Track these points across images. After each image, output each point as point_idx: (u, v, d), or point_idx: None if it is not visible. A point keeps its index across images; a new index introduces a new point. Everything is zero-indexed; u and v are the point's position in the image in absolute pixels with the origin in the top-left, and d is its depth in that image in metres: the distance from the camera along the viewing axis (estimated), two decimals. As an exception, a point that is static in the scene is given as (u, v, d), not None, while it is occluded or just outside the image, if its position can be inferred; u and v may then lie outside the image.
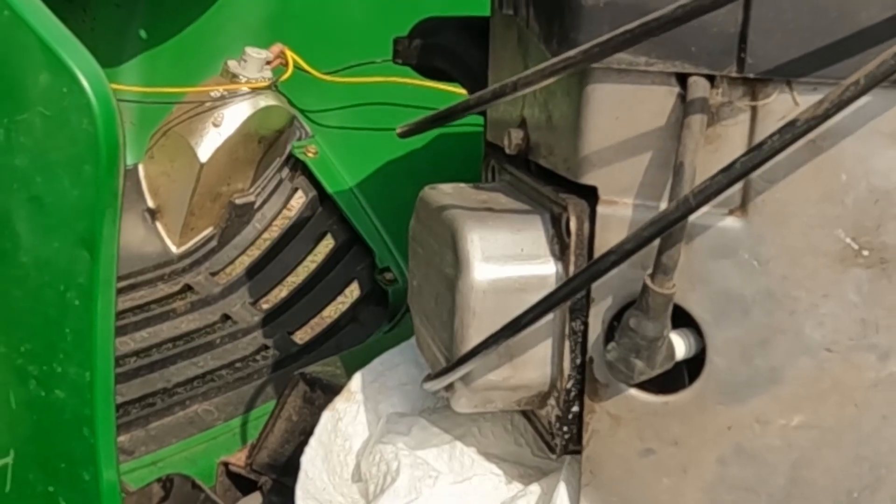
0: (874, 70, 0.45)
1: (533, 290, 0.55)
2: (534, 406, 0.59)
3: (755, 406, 0.54)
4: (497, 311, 0.55)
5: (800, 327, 0.53)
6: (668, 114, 0.52)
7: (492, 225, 0.56)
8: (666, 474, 0.57)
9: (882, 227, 0.50)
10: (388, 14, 1.24)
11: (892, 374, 0.52)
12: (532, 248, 0.55)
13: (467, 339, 0.55)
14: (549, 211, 0.57)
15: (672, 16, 0.46)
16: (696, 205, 0.48)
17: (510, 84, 0.53)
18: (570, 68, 0.50)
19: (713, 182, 0.47)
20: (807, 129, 0.46)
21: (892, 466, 0.53)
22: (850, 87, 0.45)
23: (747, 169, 0.48)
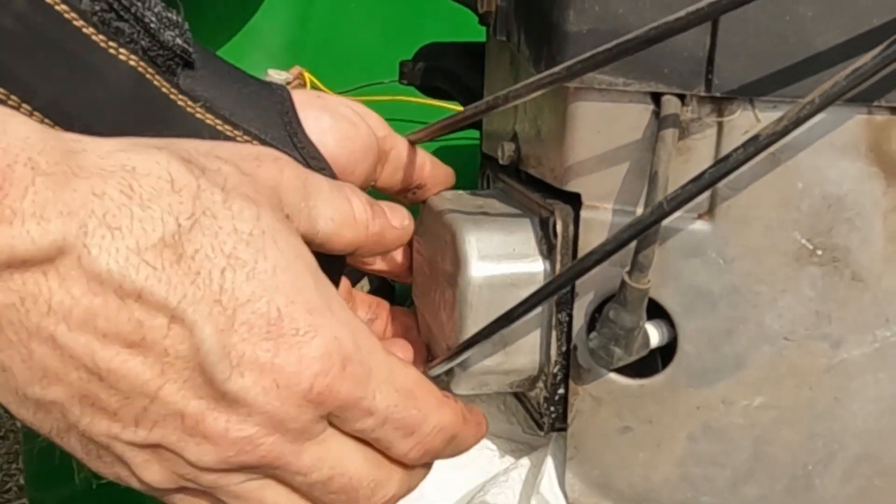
0: (828, 90, 0.45)
1: (524, 285, 0.55)
2: (524, 388, 0.59)
3: (721, 388, 0.54)
4: (492, 304, 0.54)
5: (761, 318, 0.53)
6: (644, 128, 0.52)
7: (487, 227, 0.56)
8: (641, 449, 0.57)
9: (834, 229, 0.50)
10: (395, 40, 1.24)
11: (843, 361, 0.52)
12: (523, 248, 0.55)
13: (465, 329, 0.55)
14: (537, 215, 0.57)
15: (645, 37, 0.46)
16: (669, 210, 0.48)
17: (502, 96, 0.52)
18: (555, 83, 0.50)
19: (684, 191, 0.47)
20: (767, 143, 0.46)
21: (843, 442, 0.53)
22: (806, 106, 0.45)
23: (714, 179, 0.47)
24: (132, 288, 0.36)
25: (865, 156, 0.49)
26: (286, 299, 0.40)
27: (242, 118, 0.51)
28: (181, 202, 0.38)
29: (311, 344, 0.40)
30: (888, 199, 0.49)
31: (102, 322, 0.36)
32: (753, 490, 0.56)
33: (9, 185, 0.34)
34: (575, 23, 0.50)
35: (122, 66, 0.46)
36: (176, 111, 0.48)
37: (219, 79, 0.52)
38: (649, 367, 0.55)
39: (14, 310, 0.35)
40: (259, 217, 0.40)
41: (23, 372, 0.37)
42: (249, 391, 0.39)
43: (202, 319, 0.38)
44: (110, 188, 0.36)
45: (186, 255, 0.38)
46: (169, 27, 0.49)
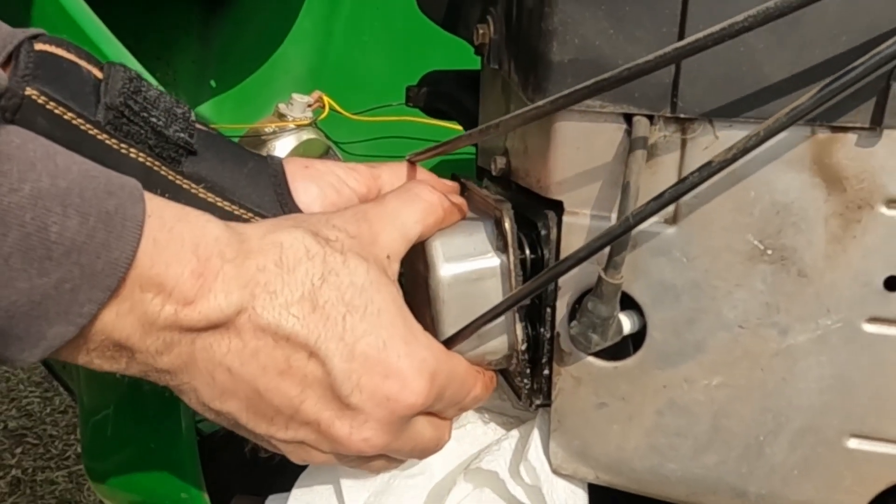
0: (771, 125, 0.45)
1: (487, 278, 0.56)
2: (503, 365, 0.60)
3: (684, 370, 0.54)
4: (461, 297, 0.55)
5: (719, 309, 0.53)
6: (618, 145, 0.52)
7: (449, 233, 0.57)
8: (616, 422, 0.57)
9: (782, 231, 0.50)
10: (402, 68, 1.24)
11: (790, 346, 0.52)
12: (481, 246, 0.56)
13: (441, 321, 0.56)
14: (491, 217, 0.57)
15: (619, 76, 0.47)
16: (634, 223, 0.48)
17: (494, 125, 0.53)
18: (540, 116, 0.51)
19: (647, 207, 0.48)
20: (719, 168, 0.47)
21: (790, 416, 0.53)
22: (752, 138, 0.46)
23: (674, 197, 0.48)
24: (283, 334, 0.45)
25: (809, 168, 0.49)
26: (388, 334, 0.48)
27: (240, 195, 0.54)
28: (314, 266, 0.47)
29: (409, 366, 0.49)
30: (829, 205, 0.49)
31: (263, 357, 0.46)
32: (712, 457, 0.56)
33: (208, 273, 0.43)
34: (558, 53, 0.50)
35: (133, 162, 0.50)
36: (182, 193, 0.52)
37: (219, 161, 0.53)
38: (622, 351, 0.55)
39: (204, 351, 0.45)
40: (368, 271, 0.49)
41: (208, 391, 0.46)
42: (366, 404, 0.48)
43: (331, 353, 0.46)
44: (268, 262, 0.45)
45: (319, 305, 0.46)
46: (175, 122, 0.52)
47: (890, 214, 0.49)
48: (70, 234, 0.39)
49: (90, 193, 0.40)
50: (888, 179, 0.48)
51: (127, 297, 0.41)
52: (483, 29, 0.60)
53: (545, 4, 0.50)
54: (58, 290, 0.39)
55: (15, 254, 0.38)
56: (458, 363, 0.54)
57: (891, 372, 0.51)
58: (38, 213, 0.38)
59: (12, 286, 0.38)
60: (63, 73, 0.49)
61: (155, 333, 0.43)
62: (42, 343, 0.40)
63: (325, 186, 0.56)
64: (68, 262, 0.39)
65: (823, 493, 0.54)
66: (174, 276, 0.42)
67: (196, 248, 0.43)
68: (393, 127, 1.30)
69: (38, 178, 0.39)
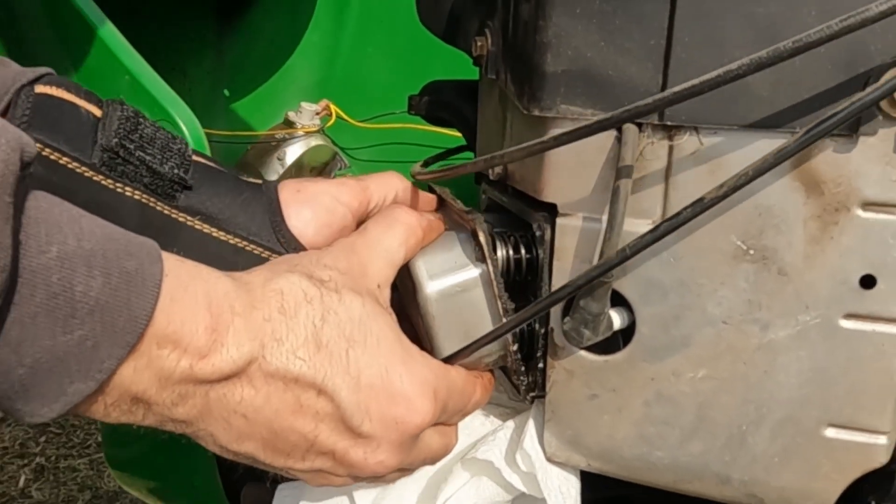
0: (760, 165, 0.45)
1: (470, 289, 0.56)
2: (500, 364, 0.59)
3: (671, 363, 0.54)
4: (450, 310, 0.56)
5: (704, 306, 0.53)
6: (608, 150, 0.52)
7: (430, 250, 0.57)
8: (606, 413, 0.57)
9: (763, 233, 0.50)
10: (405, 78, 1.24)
11: (771, 341, 0.52)
12: (461, 259, 0.56)
13: (435, 334, 0.56)
14: (465, 230, 0.57)
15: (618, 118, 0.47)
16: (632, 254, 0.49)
17: (498, 157, 0.53)
18: (541, 150, 0.50)
19: (643, 239, 0.48)
20: (711, 204, 0.47)
21: (770, 407, 0.53)
22: (741, 177, 0.46)
23: (669, 230, 0.48)
24: (292, 376, 0.46)
25: (789, 173, 0.49)
26: (388, 361, 0.49)
27: (235, 224, 0.53)
28: (313, 309, 0.47)
29: (412, 387, 0.49)
30: (808, 208, 0.49)
31: (275, 401, 0.46)
32: (697, 446, 0.56)
33: (220, 328, 0.43)
34: (552, 64, 0.50)
35: (128, 200, 0.50)
36: (178, 225, 0.52)
37: (215, 193, 0.53)
38: (613, 345, 0.55)
39: (219, 401, 0.45)
40: (363, 304, 0.49)
41: (224, 436, 0.47)
42: (377, 429, 0.49)
43: (339, 387, 0.47)
44: (272, 311, 0.46)
45: (322, 344, 0.47)
46: (171, 158, 0.52)
47: (865, 216, 0.49)
48: (94, 294, 0.39)
49: (113, 254, 0.40)
50: (864, 183, 0.48)
51: (144, 353, 0.41)
52: (481, 41, 0.60)
53: (540, 18, 0.50)
54: (80, 347, 0.39)
55: (41, 313, 0.37)
56: (457, 375, 0.54)
57: (866, 365, 0.51)
58: (65, 274, 0.38)
59: (37, 344, 0.38)
60: (60, 115, 0.48)
61: (171, 387, 0.43)
62: (62, 399, 0.40)
63: (318, 207, 0.56)
64: (91, 319, 0.39)
65: (803, 480, 0.54)
66: (189, 333, 0.42)
67: (209, 304, 0.43)
68: (396, 134, 1.30)
69: (65, 241, 0.38)
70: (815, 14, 0.46)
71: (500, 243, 0.57)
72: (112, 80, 0.82)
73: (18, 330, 0.37)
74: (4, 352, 0.37)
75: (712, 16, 0.47)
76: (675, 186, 0.51)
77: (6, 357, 0.37)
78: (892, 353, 0.50)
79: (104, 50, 0.82)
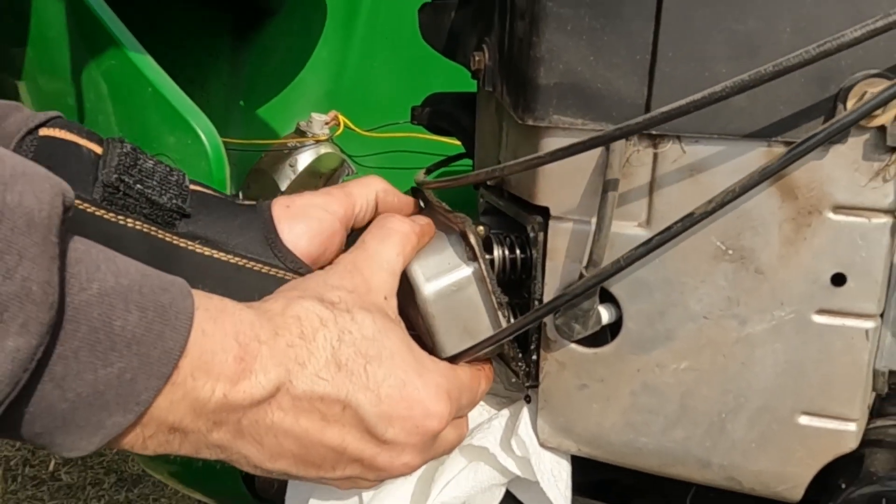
0: (746, 181, 0.46)
1: (465, 287, 0.55)
2: (495, 353, 0.59)
3: (656, 356, 0.54)
4: (448, 308, 0.55)
5: (686, 302, 0.53)
6: (597, 158, 0.52)
7: (423, 255, 0.56)
8: (595, 402, 0.57)
9: (742, 234, 0.50)
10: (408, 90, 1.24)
11: (748, 335, 0.52)
12: (453, 260, 0.56)
13: (435, 332, 0.56)
14: (456, 230, 0.57)
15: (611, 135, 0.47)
16: (626, 265, 0.49)
17: (498, 169, 0.53)
18: (538, 164, 0.51)
19: (636, 251, 0.48)
20: (700, 219, 0.47)
21: (748, 397, 0.53)
22: (728, 193, 0.46)
23: (661, 242, 0.48)
24: (317, 396, 0.46)
25: (766, 179, 0.49)
26: (404, 372, 0.49)
27: (233, 245, 0.53)
28: (329, 332, 0.47)
29: (428, 394, 0.50)
30: (783, 211, 0.49)
31: (304, 421, 0.46)
32: (680, 433, 0.56)
33: (248, 357, 0.43)
34: (545, 77, 0.50)
35: (130, 231, 0.50)
36: (180, 251, 0.52)
37: (212, 219, 0.53)
38: (601, 339, 0.55)
39: (251, 426, 0.45)
40: (374, 321, 0.49)
41: (258, 457, 0.46)
42: (400, 436, 0.49)
43: (362, 402, 0.47)
44: (294, 337, 0.46)
45: (342, 364, 0.47)
46: (169, 189, 0.52)
47: (836, 219, 0.49)
48: (131, 327, 0.38)
49: (148, 290, 0.40)
50: (834, 188, 0.48)
51: (180, 384, 0.41)
52: (479, 56, 0.60)
53: (533, 35, 0.50)
54: (119, 380, 0.38)
55: (84, 348, 0.37)
56: (463, 373, 0.55)
57: (837, 358, 0.51)
58: (104, 310, 0.37)
59: (80, 378, 0.37)
60: (63, 155, 0.48)
61: (206, 415, 0.42)
62: (101, 432, 0.39)
63: (308, 220, 0.56)
64: (129, 352, 0.38)
65: (778, 465, 0.54)
66: (220, 362, 0.42)
67: (237, 335, 0.43)
68: (399, 142, 1.30)
69: (104, 278, 0.38)
70: (790, 31, 0.46)
71: (497, 244, 0.57)
72: (136, 92, 0.82)
73: (63, 365, 0.36)
74: (48, 387, 0.36)
75: (694, 33, 0.47)
76: (660, 191, 0.51)
77: (50, 392, 0.37)
78: (860, 347, 0.50)
79: (128, 64, 0.82)
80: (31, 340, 0.34)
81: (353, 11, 1.40)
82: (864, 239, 0.48)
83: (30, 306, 0.34)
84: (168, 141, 0.79)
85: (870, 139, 0.46)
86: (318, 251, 0.56)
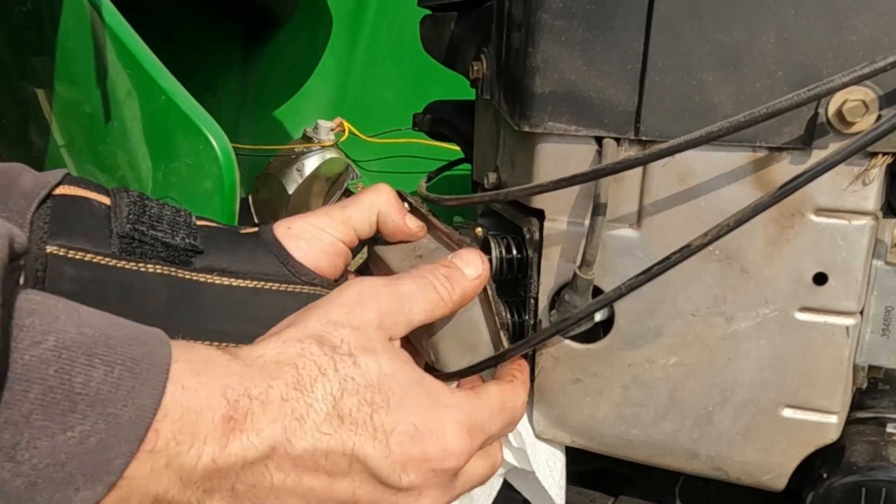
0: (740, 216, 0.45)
1: (469, 307, 0.52)
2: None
3: (646, 351, 0.54)
4: (452, 329, 0.52)
5: (675, 300, 0.53)
6: (590, 163, 0.52)
7: None
8: (588, 395, 0.57)
9: (727, 235, 0.50)
10: (409, 98, 1.24)
11: (734, 331, 0.52)
12: None
13: (439, 352, 0.53)
14: (454, 248, 0.54)
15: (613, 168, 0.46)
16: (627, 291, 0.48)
17: (503, 193, 0.53)
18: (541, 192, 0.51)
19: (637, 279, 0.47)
20: (696, 250, 0.46)
21: (734, 390, 0.53)
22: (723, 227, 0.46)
23: (658, 272, 0.47)
24: (321, 452, 0.40)
25: (751, 182, 0.49)
26: (415, 416, 0.43)
27: (247, 272, 0.51)
28: (329, 381, 0.41)
29: (444, 436, 0.43)
30: (767, 213, 0.49)
31: (307, 481, 0.40)
32: (669, 425, 0.56)
33: (238, 415, 0.37)
34: (540, 86, 0.50)
35: (152, 275, 0.47)
36: (200, 284, 0.49)
37: (223, 251, 0.51)
38: (594, 335, 0.55)
39: (248, 491, 0.39)
40: (380, 365, 0.43)
41: None
42: (416, 482, 0.42)
43: (370, 455, 0.41)
44: (289, 389, 0.40)
45: (346, 415, 0.41)
46: (179, 230, 0.49)
47: (818, 221, 0.49)
48: (95, 384, 0.33)
49: (115, 341, 0.34)
50: (816, 192, 0.48)
51: (162, 450, 0.35)
52: (477, 66, 0.60)
53: (529, 45, 0.50)
54: (83, 446, 0.32)
55: (37, 410, 0.31)
56: (490, 396, 0.48)
57: (818, 353, 0.51)
58: (63, 366, 0.32)
59: (34, 446, 0.31)
60: (77, 213, 0.46)
61: (194, 484, 0.37)
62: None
63: (311, 240, 0.53)
64: (93, 413, 0.32)
65: (762, 455, 0.54)
66: (207, 422, 0.36)
67: (225, 389, 0.37)
68: (402, 147, 1.30)
69: (63, 329, 0.33)
70: (773, 42, 0.46)
71: (494, 244, 0.57)
72: (150, 100, 0.82)
73: (11, 433, 0.31)
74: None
75: (682, 44, 0.47)
76: (649, 194, 0.51)
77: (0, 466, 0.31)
78: (841, 343, 0.50)
79: (143, 73, 0.82)
80: None
81: (357, 23, 1.40)
82: (844, 240, 0.48)
83: None
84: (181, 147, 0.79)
85: (850, 145, 0.46)
86: (328, 268, 0.54)
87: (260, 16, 1.46)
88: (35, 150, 1.02)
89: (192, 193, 0.80)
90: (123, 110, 0.86)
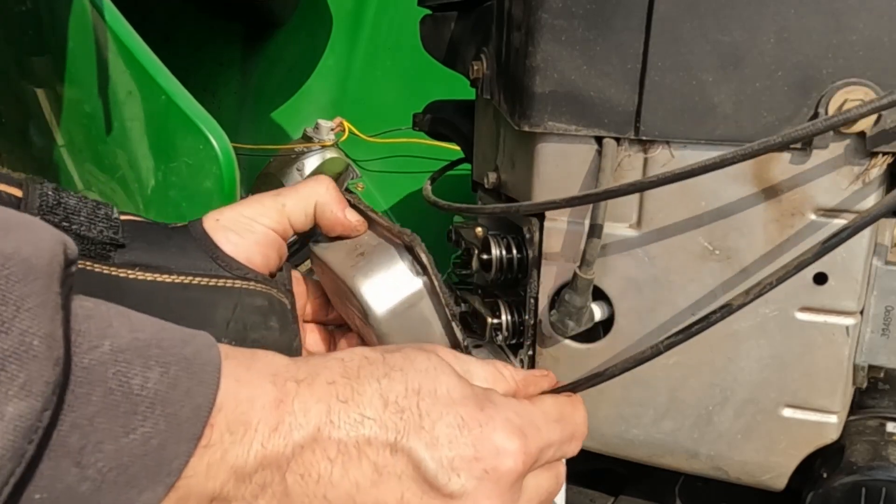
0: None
1: (416, 303, 0.51)
2: None
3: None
4: (401, 326, 0.52)
5: (675, 300, 0.53)
6: (590, 162, 0.52)
7: (371, 273, 0.52)
8: (588, 395, 0.56)
9: (728, 235, 0.50)
10: (409, 98, 1.24)
11: (734, 331, 0.52)
12: (402, 276, 0.51)
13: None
14: (399, 243, 0.52)
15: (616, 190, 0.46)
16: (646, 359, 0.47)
17: (515, 207, 0.52)
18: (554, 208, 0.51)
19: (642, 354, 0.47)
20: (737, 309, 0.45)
21: (734, 390, 0.53)
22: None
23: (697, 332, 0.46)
24: (364, 439, 0.38)
25: (751, 182, 0.49)
26: (463, 408, 0.40)
27: (175, 266, 0.49)
28: (376, 368, 0.40)
29: (494, 431, 0.40)
30: (767, 213, 0.49)
31: (353, 473, 0.38)
32: (669, 424, 0.56)
33: (286, 399, 0.37)
34: (540, 86, 0.50)
35: None
36: (120, 281, 0.47)
37: (148, 245, 0.49)
38: (594, 335, 0.55)
39: (297, 485, 0.37)
40: (428, 358, 0.42)
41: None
42: (466, 486, 0.39)
43: (415, 445, 0.39)
44: (335, 375, 0.39)
45: (390, 401, 0.39)
46: (97, 223, 0.47)
47: (818, 221, 0.49)
48: (152, 385, 0.33)
49: (168, 343, 0.35)
50: (816, 191, 0.48)
51: (216, 443, 0.35)
52: (477, 65, 0.60)
53: (529, 45, 0.50)
54: (145, 448, 0.32)
55: (100, 413, 0.31)
56: (545, 404, 0.45)
57: (819, 353, 0.51)
58: (120, 368, 0.32)
59: (99, 450, 0.31)
60: None
61: (248, 476, 0.36)
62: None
63: (241, 231, 0.51)
64: (153, 414, 0.33)
65: (762, 455, 0.54)
66: (259, 409, 0.36)
67: (274, 377, 0.38)
68: (402, 147, 1.30)
69: (117, 333, 0.33)
70: (773, 41, 0.46)
71: (495, 244, 0.57)
72: (150, 100, 0.82)
73: (79, 436, 0.31)
74: (64, 464, 0.30)
75: (682, 44, 0.47)
76: (650, 193, 0.51)
77: (67, 470, 0.30)
78: (841, 342, 0.50)
79: (143, 73, 0.82)
80: (34, 403, 0.28)
81: (357, 23, 1.40)
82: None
83: (31, 363, 0.28)
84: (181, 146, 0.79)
85: (850, 144, 0.46)
86: (261, 261, 0.52)
87: (260, 15, 1.46)
88: (35, 150, 1.02)
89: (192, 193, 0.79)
90: (123, 110, 0.86)
